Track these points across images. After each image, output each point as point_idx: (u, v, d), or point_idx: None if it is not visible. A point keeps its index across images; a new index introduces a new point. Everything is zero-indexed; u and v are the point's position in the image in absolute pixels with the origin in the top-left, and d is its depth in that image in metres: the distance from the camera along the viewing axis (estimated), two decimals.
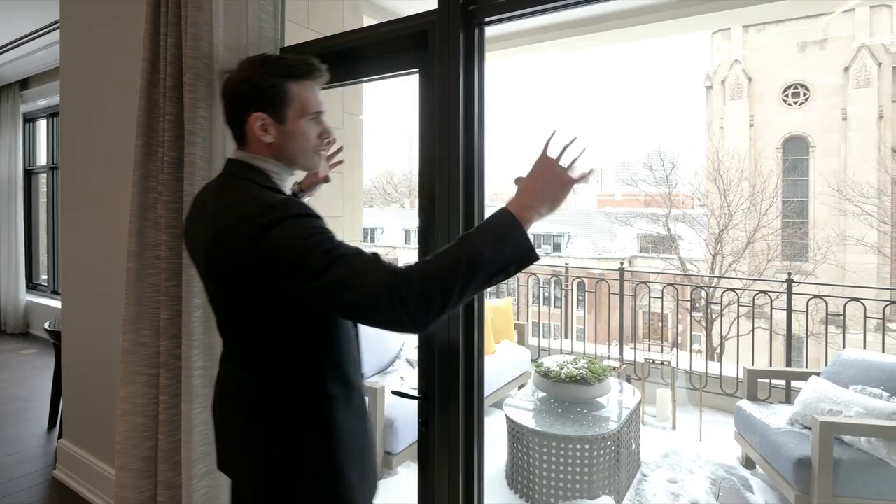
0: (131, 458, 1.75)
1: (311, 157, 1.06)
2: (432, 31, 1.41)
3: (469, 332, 1.43)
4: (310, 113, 1.02)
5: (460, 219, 1.38)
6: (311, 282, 0.84)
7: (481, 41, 1.43)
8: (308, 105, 1.02)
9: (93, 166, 2.47)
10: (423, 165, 1.46)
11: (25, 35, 4.32)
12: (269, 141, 1.00)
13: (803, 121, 16.54)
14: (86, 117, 2.51)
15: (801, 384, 2.85)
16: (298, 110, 1.01)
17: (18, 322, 5.81)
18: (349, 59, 1.67)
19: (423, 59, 1.46)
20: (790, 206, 16.44)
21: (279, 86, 0.99)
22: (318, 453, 0.99)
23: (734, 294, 5.04)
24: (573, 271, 6.00)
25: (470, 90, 1.40)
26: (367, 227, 22.94)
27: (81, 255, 2.56)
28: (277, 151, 1.02)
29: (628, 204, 20.56)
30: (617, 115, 44.70)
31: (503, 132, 45.54)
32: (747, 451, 2.85)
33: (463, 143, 1.39)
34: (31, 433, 3.27)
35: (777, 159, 16.60)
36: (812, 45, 16.49)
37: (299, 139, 1.02)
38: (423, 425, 1.51)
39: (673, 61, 52.21)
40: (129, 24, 2.16)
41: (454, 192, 1.39)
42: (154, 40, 1.78)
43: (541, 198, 0.91)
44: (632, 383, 3.96)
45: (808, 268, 15.02)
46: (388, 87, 6.68)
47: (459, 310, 1.39)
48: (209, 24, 1.67)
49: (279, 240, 0.86)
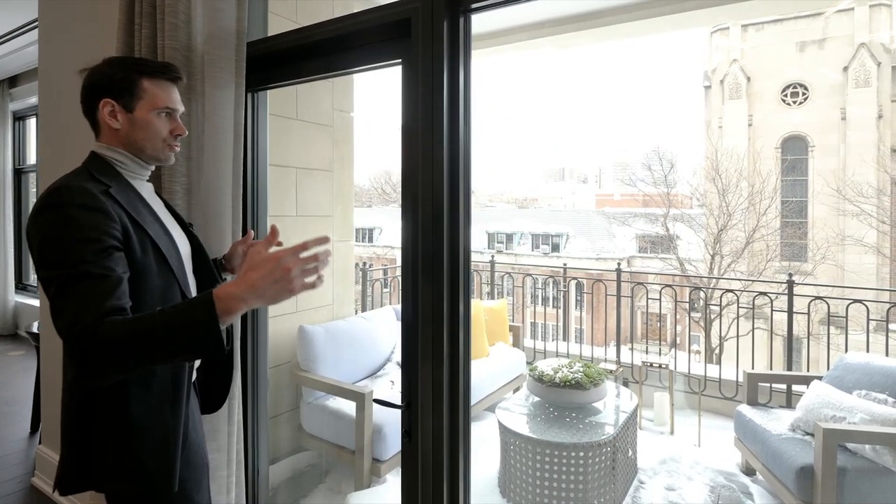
0: None
1: (160, 150, 1.11)
2: (415, 19, 1.33)
3: (454, 337, 1.35)
4: (160, 107, 1.09)
5: (444, 220, 1.30)
6: (44, 284, 0.90)
7: (467, 30, 1.35)
8: (158, 100, 1.09)
9: (70, 165, 2.38)
10: (405, 163, 1.38)
11: (11, 31, 4.23)
12: (117, 127, 1.07)
13: (802, 120, 16.49)
14: (64, 116, 2.43)
15: (803, 388, 2.78)
16: (149, 103, 1.08)
17: (7, 323, 5.72)
18: (329, 50, 1.59)
19: (406, 49, 1.38)
20: (789, 206, 16.39)
21: (130, 77, 1.07)
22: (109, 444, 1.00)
23: (733, 294, 4.96)
24: (571, 272, 5.92)
25: (455, 82, 1.32)
26: (366, 227, 22.84)
27: None
28: (125, 139, 1.08)
29: (627, 204, 20.52)
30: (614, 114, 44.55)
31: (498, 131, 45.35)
32: (747, 458, 2.78)
33: (447, 140, 1.31)
34: (13, 438, 3.18)
35: (776, 159, 16.54)
36: (811, 44, 16.43)
37: (147, 130, 1.08)
38: (407, 435, 1.43)
39: (670, 60, 52.13)
40: (107, 21, 2.07)
41: (437, 191, 1.31)
42: (129, 31, 1.70)
43: (259, 294, 0.87)
44: (629, 387, 3.89)
45: (807, 268, 14.97)
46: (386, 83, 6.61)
47: (444, 312, 1.32)
48: (187, 13, 1.59)
49: (43, 225, 0.92)
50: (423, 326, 1.34)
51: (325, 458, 2.82)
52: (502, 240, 20.83)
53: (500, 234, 20.91)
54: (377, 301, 5.32)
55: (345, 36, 1.51)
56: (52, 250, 0.90)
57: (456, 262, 1.32)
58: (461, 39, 1.33)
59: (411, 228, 1.35)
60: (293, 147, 2.84)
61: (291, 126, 2.84)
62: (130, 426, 1.00)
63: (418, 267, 1.34)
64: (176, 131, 1.12)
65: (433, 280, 1.32)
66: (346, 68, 1.60)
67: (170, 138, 1.12)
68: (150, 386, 1.02)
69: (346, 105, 3.20)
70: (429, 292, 1.32)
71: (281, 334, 2.79)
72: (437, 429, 1.36)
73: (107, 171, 1.06)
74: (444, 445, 1.36)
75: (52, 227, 0.91)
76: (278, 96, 2.75)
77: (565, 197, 30.64)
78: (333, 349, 2.78)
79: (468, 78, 1.35)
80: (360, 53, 1.54)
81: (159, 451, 1.02)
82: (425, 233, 1.32)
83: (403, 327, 1.41)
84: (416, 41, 1.33)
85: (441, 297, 1.31)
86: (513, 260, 18.93)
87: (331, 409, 2.66)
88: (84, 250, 0.89)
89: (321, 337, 2.74)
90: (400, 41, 1.41)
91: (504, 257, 19.33)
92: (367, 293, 4.93)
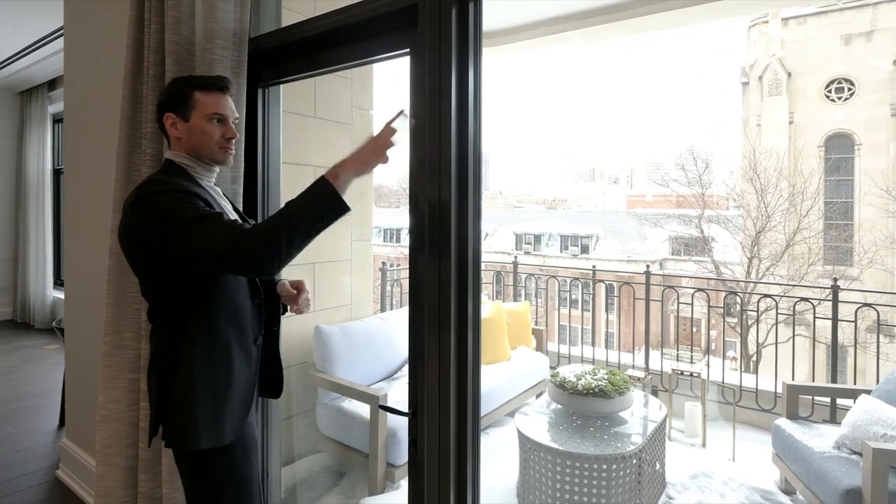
0: (111, 466, 1.66)
1: (215, 152, 1.25)
2: (422, 6, 1.25)
3: (462, 341, 1.27)
4: (210, 114, 1.24)
5: (451, 217, 1.22)
6: (169, 238, 1.08)
7: (477, 18, 1.26)
8: (209, 108, 1.24)
9: (92, 167, 2.41)
10: (413, 157, 1.31)
11: (49, 34, 4.36)
12: (178, 136, 1.24)
13: (848, 117, 15.67)
14: (86, 119, 2.46)
15: (849, 402, 2.58)
16: (201, 111, 1.23)
17: (45, 318, 5.93)
18: (338, 41, 1.53)
19: (413, 38, 1.31)
20: (833, 207, 15.59)
21: (185, 91, 1.24)
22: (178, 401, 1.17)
23: (772, 300, 4.71)
24: (601, 274, 5.74)
25: (464, 72, 1.24)
26: (394, 228, 22.87)
27: (82, 254, 2.51)
28: (187, 146, 1.25)
29: (659, 205, 19.97)
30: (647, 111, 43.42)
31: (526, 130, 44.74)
32: (786, 476, 2.59)
33: (455, 132, 1.23)
34: (42, 430, 3.27)
35: (819, 158, 15.77)
36: (858, 36, 15.61)
37: (201, 135, 1.24)
38: (413, 444, 1.36)
39: (705, 56, 50.53)
40: (122, 20, 2.08)
41: (445, 186, 1.23)
42: (138, 27, 1.69)
43: (352, 160, 1.13)
44: (658, 395, 3.72)
45: (853, 272, 14.20)
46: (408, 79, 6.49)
47: (451, 314, 1.24)
48: (190, 7, 1.57)
49: (145, 207, 1.10)
50: (429, 329, 1.27)
51: (340, 461, 2.78)
52: (530, 241, 20.57)
53: (527, 235, 20.66)
54: (402, 301, 5.27)
55: (353, 25, 1.45)
56: (170, 211, 1.08)
57: (464, 262, 1.24)
58: (470, 27, 1.25)
59: (417, 226, 1.28)
60: (311, 145, 2.81)
61: (310, 124, 2.81)
62: (192, 379, 1.16)
63: (426, 266, 1.26)
64: (227, 134, 1.26)
65: (439, 280, 1.24)
66: (357, 59, 1.53)
67: (222, 141, 1.25)
68: (211, 349, 1.20)
69: (366, 103, 3.16)
70: (435, 293, 1.25)
71: (298, 334, 2.76)
72: (443, 438, 1.28)
73: (179, 173, 1.22)
74: (451, 456, 1.28)
75: (158, 204, 1.09)
76: (296, 94, 2.73)
77: (595, 197, 30.09)
78: (349, 350, 2.73)
79: (478, 68, 1.26)
80: (369, 44, 1.48)
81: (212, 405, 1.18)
82: (431, 231, 1.24)
83: (410, 330, 1.34)
84: (422, 29, 1.25)
85: (448, 299, 1.24)
86: (540, 261, 18.67)
87: (346, 412, 2.62)
88: (195, 204, 1.10)
89: (337, 337, 2.70)
90: (408, 30, 1.34)
91: (531, 258, 19.08)
92: (386, 293, 4.89)
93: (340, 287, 3.05)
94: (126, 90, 1.69)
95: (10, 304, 6.31)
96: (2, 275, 6.28)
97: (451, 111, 1.22)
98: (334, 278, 3.00)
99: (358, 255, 3.15)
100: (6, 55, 4.95)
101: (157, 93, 1.61)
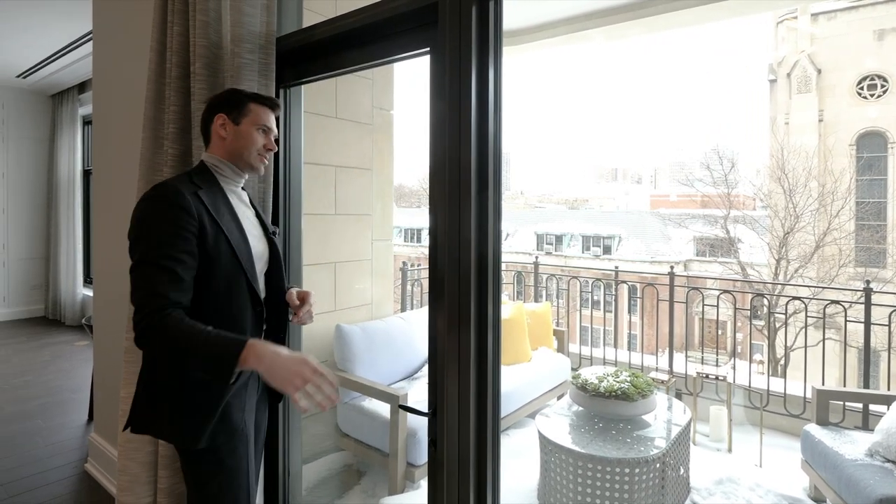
0: (131, 462, 1.69)
1: (254, 158, 1.33)
2: (442, 4, 1.25)
3: (482, 342, 1.26)
4: (259, 124, 1.32)
5: (471, 217, 1.21)
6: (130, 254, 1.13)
7: (497, 16, 1.26)
8: (259, 118, 1.32)
9: (119, 167, 2.47)
10: (433, 157, 1.31)
11: (79, 38, 4.48)
12: (224, 136, 1.31)
13: (881, 115, 15.13)
14: (113, 120, 2.52)
15: (882, 408, 2.49)
16: (252, 119, 1.32)
17: (76, 315, 6.10)
18: (359, 41, 1.54)
19: (433, 37, 1.30)
20: (865, 207, 15.07)
21: (241, 99, 1.32)
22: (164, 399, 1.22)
23: (801, 302, 4.58)
24: (624, 275, 5.65)
25: (484, 70, 1.23)
26: (415, 228, 22.92)
27: (109, 253, 2.57)
28: (229, 147, 1.31)
29: (683, 205, 19.58)
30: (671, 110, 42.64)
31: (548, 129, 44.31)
32: (816, 483, 2.51)
33: (476, 131, 1.23)
34: (72, 425, 3.36)
35: (850, 157, 15.27)
36: (891, 32, 15.07)
37: (248, 140, 1.31)
38: (432, 444, 1.36)
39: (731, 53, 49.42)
40: (147, 22, 2.13)
41: (465, 186, 1.22)
42: (162, 29, 1.72)
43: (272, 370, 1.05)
44: (682, 399, 3.65)
45: (885, 275, 13.72)
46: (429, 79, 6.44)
47: (471, 315, 1.23)
48: (217, 11, 1.59)
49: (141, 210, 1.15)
50: (449, 330, 1.26)
51: (361, 460, 2.79)
52: (551, 241, 20.40)
53: (549, 236, 20.49)
54: (422, 301, 5.28)
55: (374, 25, 1.45)
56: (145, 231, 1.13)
57: (484, 262, 1.23)
58: (490, 26, 1.24)
59: (437, 226, 1.27)
60: (332, 145, 2.84)
61: (331, 124, 2.83)
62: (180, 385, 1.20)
63: (445, 267, 1.26)
64: (268, 146, 1.35)
65: (459, 280, 1.23)
66: (377, 59, 1.54)
67: (262, 150, 1.33)
68: None
69: (387, 103, 3.17)
70: (454, 293, 1.24)
71: (318, 333, 2.78)
72: (463, 439, 1.28)
73: (205, 176, 1.28)
74: (471, 456, 1.28)
75: (146, 214, 1.14)
76: (317, 95, 2.75)
77: (618, 197, 29.68)
78: (370, 349, 2.75)
79: (498, 67, 1.25)
80: (389, 44, 1.48)
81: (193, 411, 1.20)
82: (451, 230, 1.24)
83: (430, 330, 1.34)
84: (442, 27, 1.25)
85: (468, 299, 1.23)
86: (562, 262, 18.50)
87: (366, 411, 2.63)
88: (162, 243, 1.11)
89: (358, 336, 2.72)
90: (428, 29, 1.33)
91: (553, 259, 18.91)
92: (406, 293, 4.90)
93: (361, 286, 3.07)
94: (149, 91, 1.72)
95: (42, 301, 6.52)
96: (34, 273, 6.49)
97: (471, 111, 1.22)
98: (355, 278, 3.02)
99: (379, 255, 3.16)
100: (37, 59, 5.11)
101: (180, 94, 1.64)
